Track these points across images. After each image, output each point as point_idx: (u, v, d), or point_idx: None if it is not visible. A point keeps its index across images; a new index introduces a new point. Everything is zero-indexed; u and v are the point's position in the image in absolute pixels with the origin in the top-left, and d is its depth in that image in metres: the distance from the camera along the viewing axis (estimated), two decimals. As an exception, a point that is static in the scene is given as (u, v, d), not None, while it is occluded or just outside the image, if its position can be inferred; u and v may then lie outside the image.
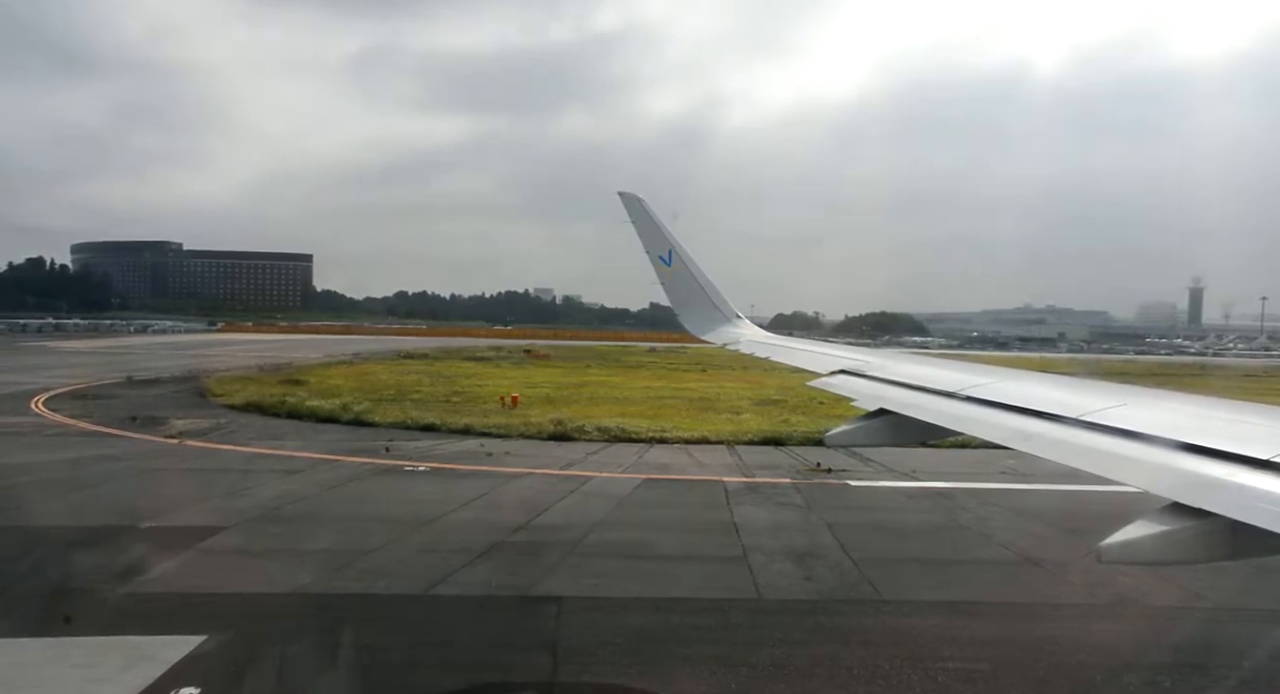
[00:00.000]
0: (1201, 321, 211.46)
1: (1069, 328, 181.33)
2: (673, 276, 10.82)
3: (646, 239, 10.61)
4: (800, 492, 15.97)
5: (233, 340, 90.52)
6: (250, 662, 7.54)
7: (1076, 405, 4.09)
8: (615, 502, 14.79)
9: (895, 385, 5.90)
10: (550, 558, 11.19)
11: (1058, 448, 3.86)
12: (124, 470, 16.62)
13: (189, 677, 6.99)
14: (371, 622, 8.68)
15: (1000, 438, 4.29)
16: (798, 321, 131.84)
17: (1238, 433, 3.42)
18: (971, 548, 12.42)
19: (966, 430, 4.74)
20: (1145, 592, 10.36)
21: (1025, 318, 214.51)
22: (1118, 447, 3.56)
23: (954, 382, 5.32)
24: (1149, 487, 3.17)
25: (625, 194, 10.74)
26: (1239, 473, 2.97)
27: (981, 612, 9.51)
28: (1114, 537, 2.96)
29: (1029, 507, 15.02)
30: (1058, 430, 3.99)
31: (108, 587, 9.37)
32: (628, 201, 10.69)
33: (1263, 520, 2.67)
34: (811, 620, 9.09)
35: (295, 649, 7.90)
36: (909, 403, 5.36)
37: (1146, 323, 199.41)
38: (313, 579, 9.98)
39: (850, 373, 6.76)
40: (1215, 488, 2.96)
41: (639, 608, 9.25)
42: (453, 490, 15.40)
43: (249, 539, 11.77)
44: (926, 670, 7.72)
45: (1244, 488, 2.87)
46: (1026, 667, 7.90)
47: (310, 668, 7.54)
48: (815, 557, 11.50)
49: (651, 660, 7.85)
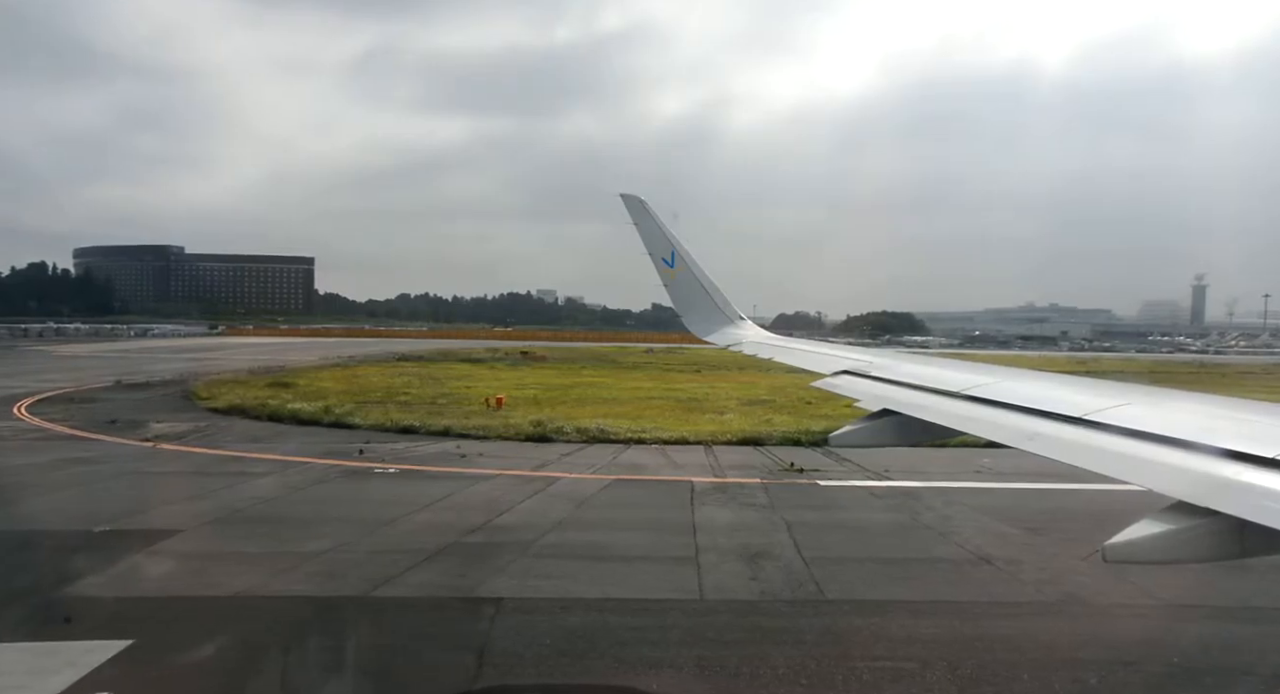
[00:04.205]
0: (1205, 319, 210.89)
1: (1072, 326, 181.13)
2: (676, 278, 10.80)
3: (649, 241, 10.59)
4: (767, 492, 15.95)
5: (232, 344, 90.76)
6: (171, 666, 7.53)
7: (1081, 404, 4.07)
8: (578, 502, 14.78)
9: (899, 386, 5.89)
10: (501, 559, 11.18)
11: (1062, 447, 3.84)
12: (91, 474, 16.63)
13: (107, 682, 6.99)
14: (305, 624, 8.68)
15: (1004, 438, 4.27)
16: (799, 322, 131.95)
17: (1244, 431, 3.41)
18: (927, 547, 12.37)
19: (971, 430, 4.72)
20: (1094, 589, 10.34)
21: (1029, 317, 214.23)
22: (1122, 446, 3.55)
23: (958, 381, 5.31)
24: (1154, 485, 3.16)
25: (627, 196, 10.73)
26: (1245, 471, 2.97)
27: (922, 610, 9.47)
28: (1119, 536, 2.96)
29: (995, 505, 14.96)
30: (1062, 430, 3.98)
31: (44, 591, 9.37)
32: (630, 203, 10.68)
33: (1270, 519, 2.68)
34: (749, 621, 9.06)
35: (220, 652, 7.89)
36: (913, 403, 5.35)
37: (1150, 321, 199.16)
38: (258, 582, 9.98)
39: (853, 373, 6.72)
40: (1221, 487, 2.95)
41: (577, 609, 9.24)
42: (418, 492, 15.40)
43: (203, 542, 11.78)
44: (853, 669, 7.69)
45: (1251, 487, 2.88)
46: (956, 664, 7.85)
47: (227, 671, 7.53)
48: (767, 557, 11.47)
49: (578, 661, 7.85)
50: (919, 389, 5.60)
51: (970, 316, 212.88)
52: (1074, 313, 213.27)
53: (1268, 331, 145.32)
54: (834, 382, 6.76)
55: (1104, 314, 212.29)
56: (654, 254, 10.62)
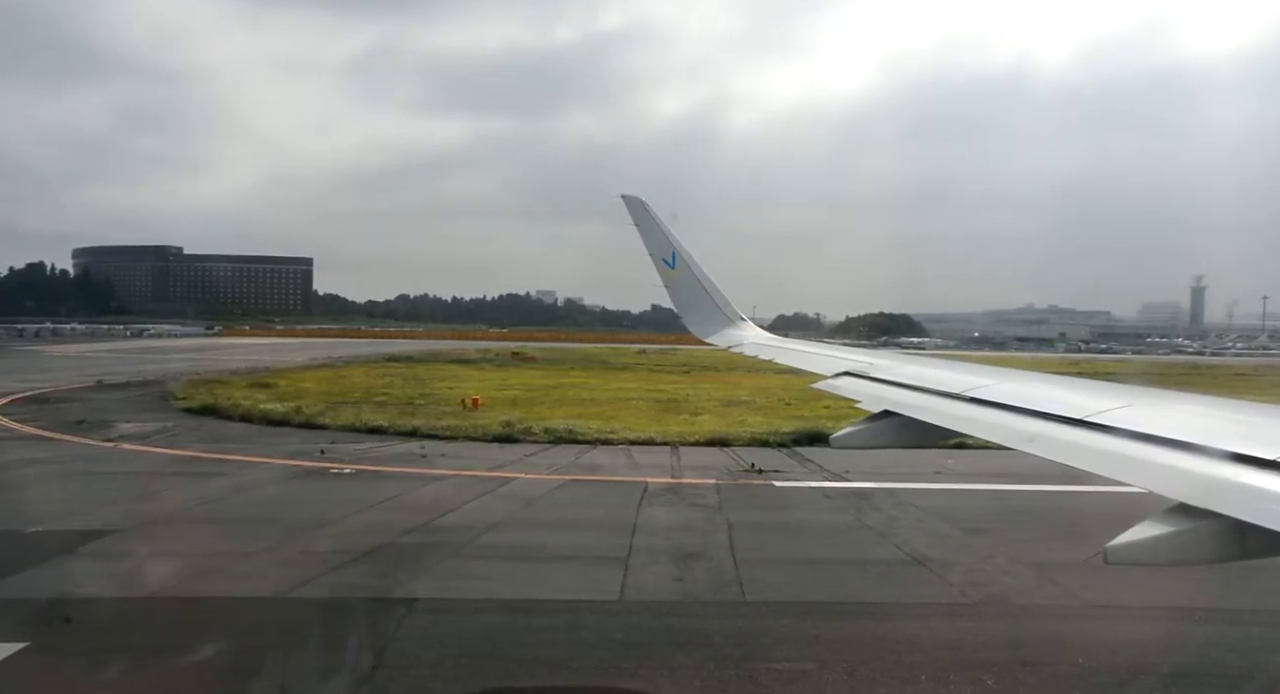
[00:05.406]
0: (1204, 321, 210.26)
1: (1070, 328, 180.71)
2: (677, 279, 10.81)
3: (650, 242, 10.59)
4: (720, 492, 15.90)
5: (226, 344, 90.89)
6: (61, 669, 7.51)
7: (1081, 406, 4.08)
8: (525, 503, 14.76)
9: (899, 387, 5.88)
10: (430, 559, 11.17)
11: (1062, 449, 3.84)
12: (43, 474, 16.64)
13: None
14: (206, 626, 8.64)
15: (1004, 439, 4.27)
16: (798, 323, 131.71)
17: (1244, 433, 3.41)
18: (864, 548, 12.32)
19: (971, 432, 4.74)
20: (1018, 591, 10.32)
21: (1027, 318, 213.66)
22: (1123, 447, 3.55)
23: (959, 383, 5.31)
24: (1155, 487, 3.17)
25: (628, 196, 10.73)
26: (1246, 473, 2.97)
27: (839, 612, 9.44)
28: (1120, 538, 2.95)
29: (945, 506, 14.91)
30: (1062, 431, 3.99)
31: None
32: (631, 204, 10.68)
33: (1271, 521, 2.69)
34: (661, 622, 9.03)
35: (112, 655, 7.84)
36: (913, 404, 5.35)
37: (1149, 322, 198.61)
38: (176, 583, 9.98)
39: (854, 375, 6.72)
40: (1222, 488, 2.96)
41: (490, 609, 9.22)
42: (368, 492, 15.40)
43: (134, 543, 11.76)
44: (750, 671, 7.65)
45: (1251, 488, 2.88)
46: (855, 666, 7.81)
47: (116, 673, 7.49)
48: (700, 558, 11.43)
49: (477, 661, 7.82)
50: (920, 390, 5.61)
51: (969, 318, 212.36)
52: (1073, 314, 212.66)
53: (1266, 333, 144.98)
54: (835, 383, 6.77)
55: (1103, 316, 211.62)
56: (655, 255, 10.65)
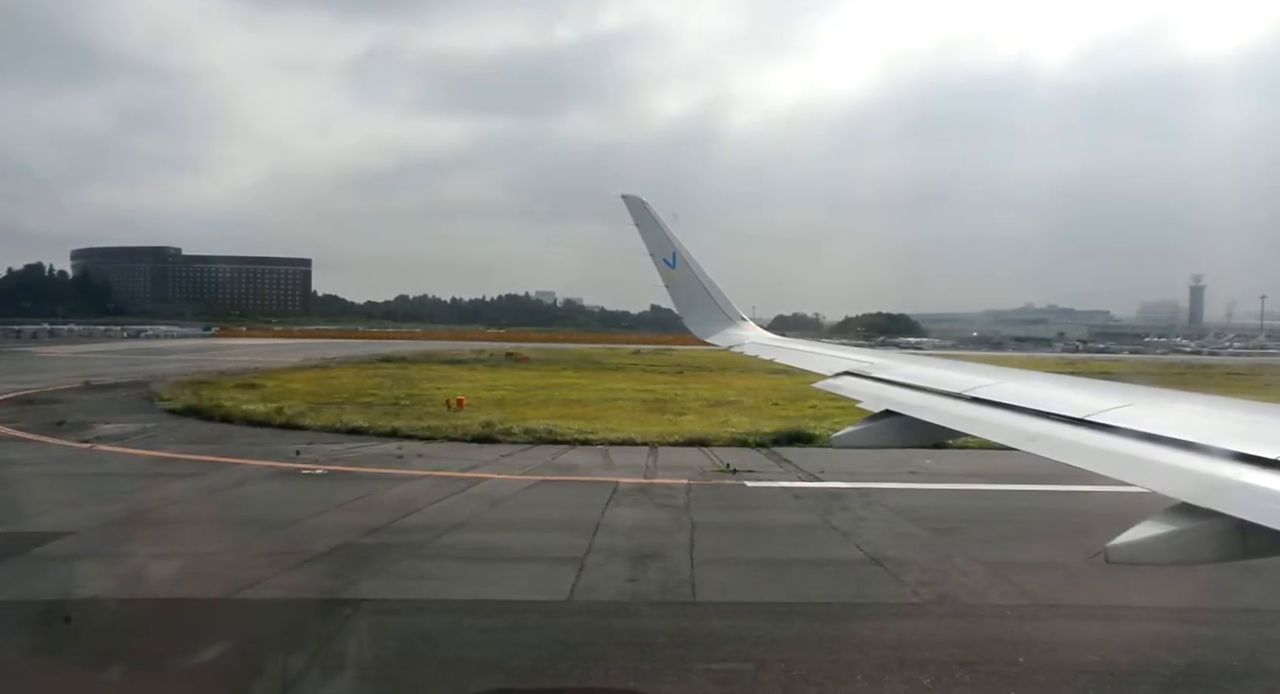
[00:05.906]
0: (1203, 320, 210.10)
1: (1070, 327, 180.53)
2: (677, 279, 10.77)
3: (650, 242, 10.55)
4: (689, 493, 15.86)
5: (222, 345, 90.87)
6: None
7: (1083, 405, 4.07)
8: (491, 503, 14.73)
9: (900, 387, 5.87)
10: (385, 560, 11.13)
11: (1063, 448, 3.84)
12: (11, 476, 16.61)
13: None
14: (145, 628, 8.62)
15: (1005, 439, 4.26)
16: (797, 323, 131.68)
17: (1247, 432, 3.39)
18: (824, 548, 12.27)
19: (972, 431, 4.73)
20: (971, 591, 10.26)
21: (1027, 318, 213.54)
22: (1124, 447, 3.54)
23: (960, 382, 5.29)
24: (1157, 487, 3.15)
25: (629, 196, 10.71)
26: (1248, 472, 2.96)
27: (786, 612, 9.39)
28: (1121, 537, 2.94)
29: (914, 507, 14.85)
30: (1063, 431, 3.98)
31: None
32: (631, 204, 10.64)
33: (1273, 521, 2.68)
34: (603, 623, 8.99)
35: (46, 657, 7.83)
36: (914, 404, 5.33)
37: (1148, 322, 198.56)
38: (124, 584, 9.94)
39: (855, 374, 6.70)
40: (1224, 488, 2.95)
41: (435, 610, 9.18)
42: (336, 493, 15.36)
43: (89, 544, 11.69)
44: (687, 671, 7.62)
45: (1254, 488, 2.87)
46: (793, 666, 7.76)
47: (44, 675, 7.46)
48: (657, 558, 11.38)
49: (415, 662, 7.78)
50: (921, 390, 5.59)
51: (969, 318, 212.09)
52: (1072, 314, 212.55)
53: (1263, 332, 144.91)
54: (836, 383, 6.74)
55: (1102, 315, 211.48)
56: (655, 255, 10.61)
